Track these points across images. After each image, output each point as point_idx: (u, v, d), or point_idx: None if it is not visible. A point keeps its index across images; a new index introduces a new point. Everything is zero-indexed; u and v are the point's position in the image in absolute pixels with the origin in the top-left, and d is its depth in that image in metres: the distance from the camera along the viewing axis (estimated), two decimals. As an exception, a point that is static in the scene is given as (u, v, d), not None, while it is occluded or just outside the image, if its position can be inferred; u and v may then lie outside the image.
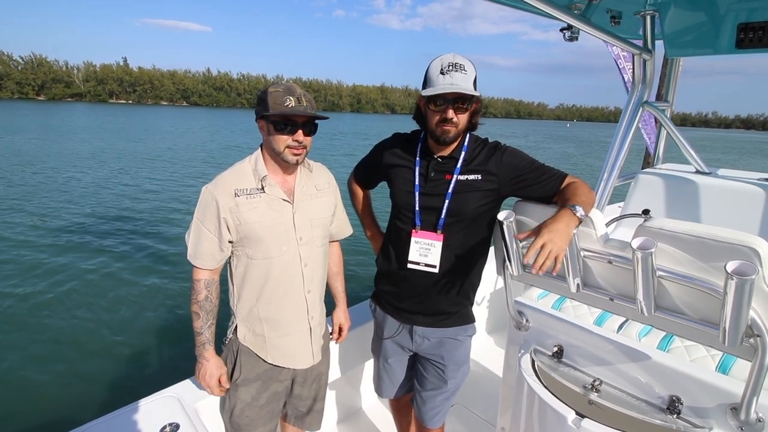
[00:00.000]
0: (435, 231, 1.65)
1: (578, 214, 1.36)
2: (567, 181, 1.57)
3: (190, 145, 24.69)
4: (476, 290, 1.81)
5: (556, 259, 1.30)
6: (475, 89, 1.52)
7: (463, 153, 1.64)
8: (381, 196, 1.97)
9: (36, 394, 3.89)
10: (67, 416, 3.59)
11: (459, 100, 1.51)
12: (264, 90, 1.54)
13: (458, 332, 1.78)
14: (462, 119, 1.55)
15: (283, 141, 1.52)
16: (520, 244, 1.59)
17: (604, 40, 2.12)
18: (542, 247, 1.29)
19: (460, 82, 1.47)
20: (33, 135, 25.22)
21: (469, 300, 1.80)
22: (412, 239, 1.67)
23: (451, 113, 1.51)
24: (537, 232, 1.34)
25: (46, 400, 3.81)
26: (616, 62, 5.15)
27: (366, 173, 1.96)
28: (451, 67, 1.48)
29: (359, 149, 25.08)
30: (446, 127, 1.54)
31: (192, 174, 15.38)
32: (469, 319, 1.81)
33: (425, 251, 1.66)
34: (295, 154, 1.55)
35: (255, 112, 1.58)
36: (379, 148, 1.84)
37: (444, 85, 1.47)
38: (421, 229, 1.66)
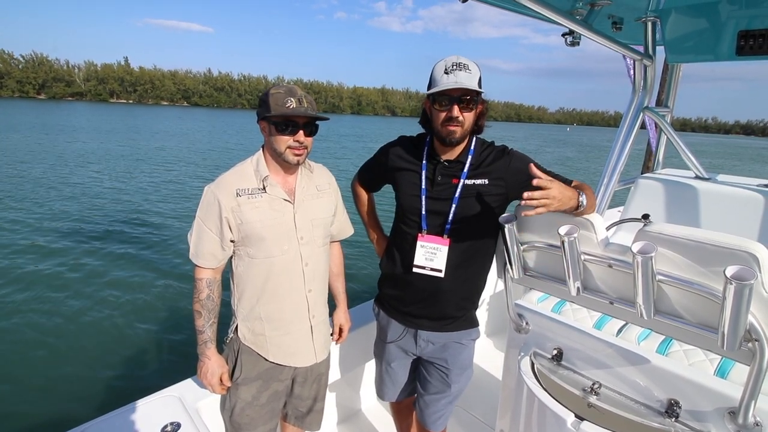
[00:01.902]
0: (441, 235, 1.64)
1: (581, 200, 1.38)
2: (572, 185, 1.57)
3: (191, 146, 24.69)
4: (480, 294, 1.81)
5: (539, 206, 1.29)
6: (481, 89, 1.53)
7: (470, 157, 1.64)
8: (385, 200, 1.98)
9: (37, 393, 3.89)
10: (68, 415, 3.59)
11: (464, 99, 1.51)
12: (266, 92, 1.56)
13: (462, 336, 1.77)
14: (468, 118, 1.54)
15: (284, 141, 1.54)
16: (521, 248, 1.60)
17: (605, 46, 2.13)
18: (547, 192, 1.28)
19: (465, 81, 1.48)
20: (31, 133, 25.21)
21: (474, 304, 1.80)
22: (418, 243, 1.66)
23: (456, 111, 1.51)
24: (550, 182, 1.32)
25: (47, 400, 3.80)
26: (626, 64, 5.07)
27: (370, 176, 1.95)
28: (455, 67, 1.49)
29: (356, 152, 25.09)
30: (452, 127, 1.54)
31: (194, 174, 15.39)
32: (474, 323, 1.80)
33: (431, 255, 1.65)
34: (296, 155, 1.57)
35: (257, 114, 1.60)
36: (384, 150, 1.83)
37: (448, 83, 1.48)
38: (427, 233, 1.65)
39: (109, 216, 9.45)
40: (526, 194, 1.27)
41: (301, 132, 1.55)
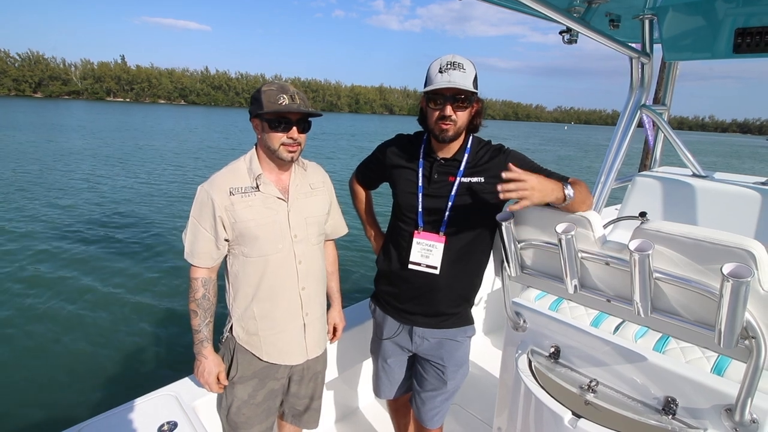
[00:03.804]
0: (437, 232, 1.65)
1: (566, 192, 1.37)
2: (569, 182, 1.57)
3: (188, 144, 24.63)
4: (477, 292, 1.81)
5: (519, 198, 1.29)
6: (476, 89, 1.54)
7: (466, 155, 1.65)
8: (382, 197, 1.98)
9: (33, 392, 3.87)
10: (64, 415, 3.58)
11: (457, 98, 1.52)
12: (258, 89, 1.56)
13: (458, 333, 1.78)
14: (461, 117, 1.56)
15: (277, 138, 1.54)
16: (519, 245, 1.60)
17: (602, 44, 2.13)
18: (523, 184, 1.28)
19: (458, 80, 1.49)
20: (26, 132, 25.11)
21: (469, 302, 1.80)
22: (414, 240, 1.68)
23: (449, 110, 1.52)
24: (525, 174, 1.32)
25: (43, 399, 3.79)
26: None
27: (368, 174, 1.97)
28: (449, 66, 1.51)
29: (349, 152, 25.03)
30: (444, 125, 1.55)
31: (191, 172, 15.35)
32: (469, 320, 1.81)
33: (427, 252, 1.66)
34: (290, 151, 1.58)
35: (249, 112, 1.60)
36: (382, 148, 1.85)
37: (442, 82, 1.49)
38: (423, 230, 1.67)
39: (104, 214, 9.42)
40: (499, 186, 1.28)
41: (295, 129, 1.55)
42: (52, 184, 12.02)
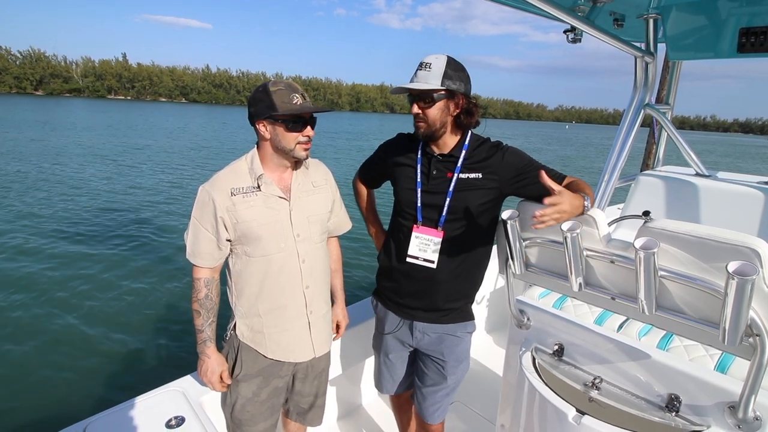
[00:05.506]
0: (436, 227, 1.68)
1: (586, 204, 1.40)
2: (567, 180, 1.59)
3: (188, 143, 24.63)
4: (477, 288, 1.83)
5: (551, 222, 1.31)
6: (453, 83, 1.56)
7: (463, 151, 1.67)
8: (385, 196, 1.99)
9: (41, 387, 3.90)
10: (72, 410, 3.60)
11: (421, 96, 1.58)
12: (262, 90, 1.53)
13: (457, 329, 1.80)
14: (430, 114, 1.59)
15: (294, 138, 1.54)
16: (523, 243, 1.61)
17: (607, 43, 2.14)
18: (560, 207, 1.30)
19: (421, 80, 1.56)
20: (27, 130, 25.13)
21: (469, 298, 1.82)
22: (413, 234, 1.71)
23: (415, 108, 1.60)
24: (560, 193, 1.34)
25: (51, 394, 3.81)
26: None
27: (370, 172, 2.00)
28: (419, 67, 1.58)
29: (347, 151, 24.96)
30: (417, 122, 1.63)
31: (193, 170, 15.36)
32: (469, 316, 1.83)
33: (425, 246, 1.69)
34: (306, 149, 1.59)
35: (254, 113, 1.56)
36: (383, 147, 1.89)
37: (406, 85, 1.58)
38: (422, 225, 1.70)
39: (110, 212, 9.43)
40: (538, 213, 1.29)
41: (309, 126, 1.56)
42: (56, 183, 12.02)
